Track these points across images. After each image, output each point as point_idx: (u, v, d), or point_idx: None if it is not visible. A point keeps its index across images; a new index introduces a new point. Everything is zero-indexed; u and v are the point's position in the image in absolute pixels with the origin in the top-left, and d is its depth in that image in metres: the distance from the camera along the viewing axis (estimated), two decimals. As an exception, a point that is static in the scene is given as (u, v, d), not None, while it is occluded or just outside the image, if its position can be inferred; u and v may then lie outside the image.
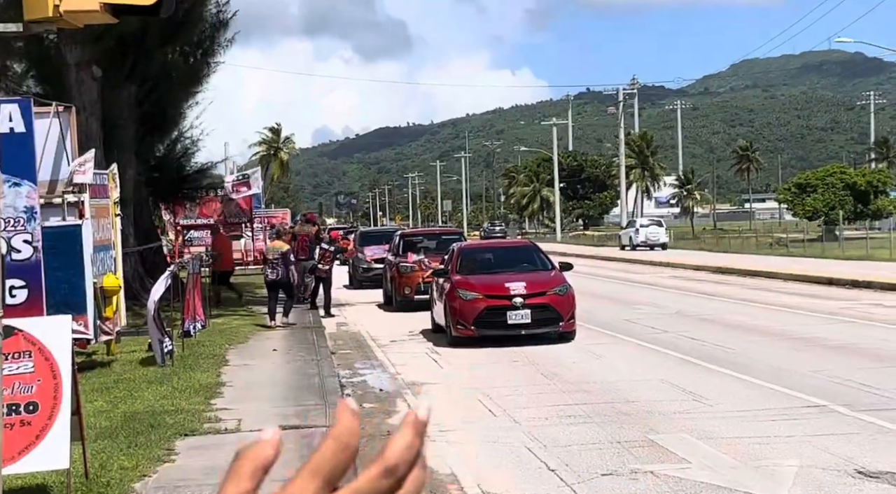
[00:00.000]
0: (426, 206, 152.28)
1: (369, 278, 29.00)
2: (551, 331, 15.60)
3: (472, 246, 20.61)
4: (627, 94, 77.62)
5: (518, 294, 15.57)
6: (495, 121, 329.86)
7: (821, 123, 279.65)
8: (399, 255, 23.83)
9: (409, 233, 27.37)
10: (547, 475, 7.91)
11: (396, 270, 22.94)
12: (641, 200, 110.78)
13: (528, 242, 20.60)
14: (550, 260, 17.52)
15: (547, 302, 15.64)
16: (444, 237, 26.12)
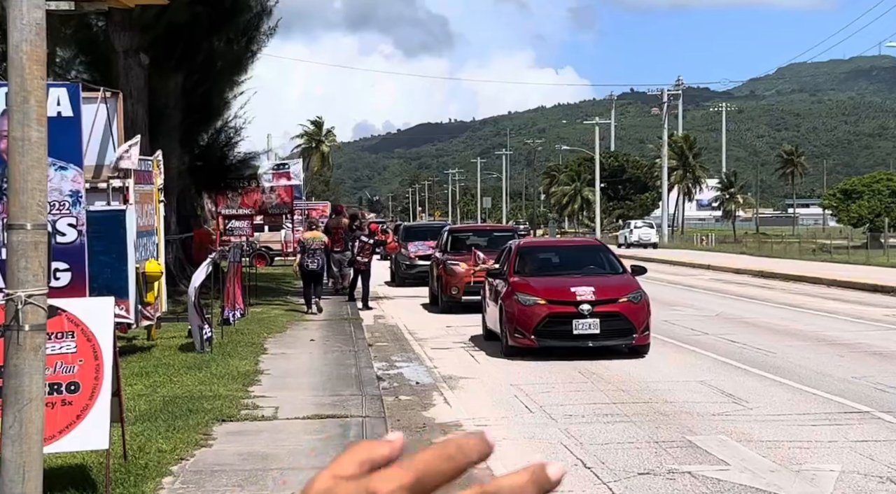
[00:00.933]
0: (465, 203, 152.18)
1: (412, 275, 28.03)
2: (622, 345, 13.84)
3: (532, 243, 19.06)
4: (671, 95, 77.02)
5: (585, 300, 13.75)
6: (537, 120, 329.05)
7: (868, 129, 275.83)
8: (447, 252, 22.68)
9: (459, 229, 26.17)
10: (583, 472, 7.85)
11: (443, 268, 21.55)
12: (683, 202, 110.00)
13: (597, 242, 18.64)
14: (621, 262, 15.62)
15: (618, 310, 13.79)
16: (497, 234, 24.90)
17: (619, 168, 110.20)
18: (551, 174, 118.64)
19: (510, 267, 15.01)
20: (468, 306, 19.71)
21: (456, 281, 20.93)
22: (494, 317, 14.98)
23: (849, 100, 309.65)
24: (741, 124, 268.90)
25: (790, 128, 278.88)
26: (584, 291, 13.87)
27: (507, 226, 33.09)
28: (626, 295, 14.06)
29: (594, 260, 15.61)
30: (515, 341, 13.90)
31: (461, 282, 20.83)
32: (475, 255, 21.23)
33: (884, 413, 9.78)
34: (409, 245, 29.14)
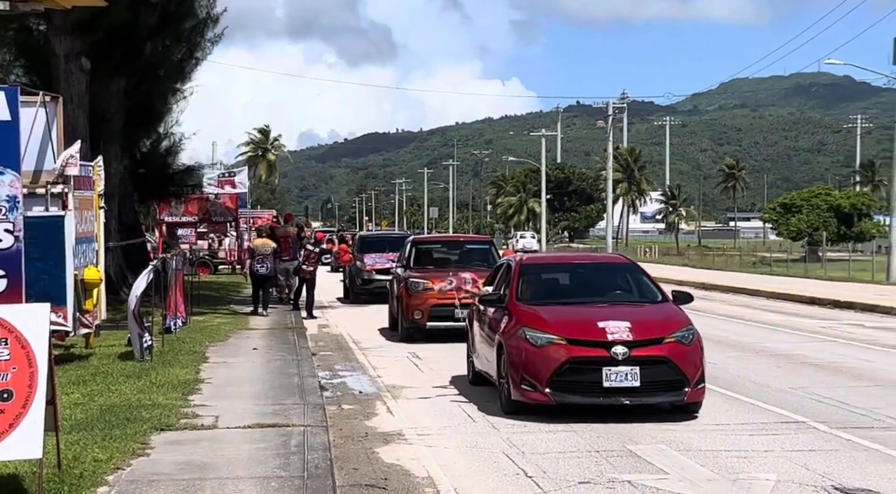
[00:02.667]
0: (412, 213, 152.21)
1: (368, 291, 25.58)
2: (671, 402, 10.25)
3: (538, 260, 13.50)
4: (617, 108, 77.76)
5: (620, 339, 10.02)
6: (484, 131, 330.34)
7: (807, 145, 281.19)
8: (410, 268, 19.08)
9: (424, 240, 21.88)
10: (524, 481, 7.88)
11: (405, 288, 17.90)
12: (627, 214, 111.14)
13: (623, 258, 13.15)
14: (659, 286, 11.74)
15: (665, 354, 10.12)
16: (471, 246, 21.05)
17: (565, 179, 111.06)
18: (498, 185, 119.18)
19: (511, 292, 11.34)
20: (433, 334, 17.32)
21: (420, 303, 17.59)
22: (488, 358, 11.43)
23: (789, 115, 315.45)
24: (685, 138, 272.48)
25: (732, 143, 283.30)
26: (616, 327, 10.13)
27: (481, 237, 26.70)
28: (673, 332, 10.33)
29: (622, 284, 11.83)
30: (522, 394, 10.20)
31: (426, 305, 17.56)
32: (459, 277, 17.83)
33: (819, 424, 9.95)
34: (366, 257, 26.52)
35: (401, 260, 20.36)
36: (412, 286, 17.88)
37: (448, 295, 17.45)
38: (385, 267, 24.63)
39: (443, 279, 17.87)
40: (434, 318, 17.48)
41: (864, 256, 53.63)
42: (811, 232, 59.58)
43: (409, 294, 17.83)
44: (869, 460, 8.51)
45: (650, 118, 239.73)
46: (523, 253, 15.72)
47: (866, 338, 18.04)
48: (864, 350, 16.33)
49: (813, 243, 58.56)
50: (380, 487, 7.66)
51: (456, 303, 17.39)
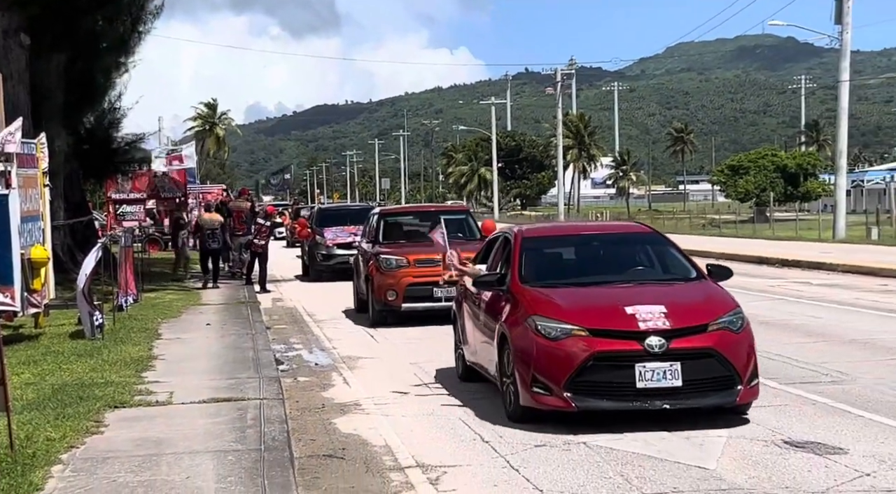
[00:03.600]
0: (364, 185, 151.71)
1: (330, 268, 24.19)
2: (721, 404, 8.29)
3: (542, 232, 10.88)
4: (565, 75, 77.92)
5: (654, 328, 8.09)
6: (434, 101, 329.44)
7: (753, 107, 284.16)
8: (379, 243, 17.07)
9: (393, 212, 19.57)
10: (481, 446, 7.94)
11: (375, 265, 15.99)
12: (578, 180, 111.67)
13: (645, 227, 10.88)
14: (692, 260, 9.65)
15: (711, 345, 8.20)
16: (445, 216, 17.21)
17: (515, 147, 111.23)
18: (449, 154, 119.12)
19: (513, 272, 9.30)
20: (410, 317, 15.59)
21: (393, 282, 15.59)
22: (485, 352, 9.53)
23: (735, 78, 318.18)
24: (633, 103, 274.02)
25: (680, 107, 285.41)
26: (649, 313, 8.19)
27: (457, 206, 24.91)
28: (719, 317, 8.38)
29: (645, 258, 9.83)
30: (534, 398, 8.32)
31: (401, 284, 15.55)
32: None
33: (769, 380, 10.11)
34: (326, 231, 25.00)
35: (367, 234, 18.44)
36: (384, 263, 15.86)
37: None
38: (347, 242, 23.75)
39: (418, 254, 15.74)
40: (410, 299, 15.45)
41: (810, 215, 54.47)
42: (759, 193, 60.37)
43: (380, 272, 15.81)
44: (817, 413, 8.69)
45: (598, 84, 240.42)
46: (522, 225, 11.45)
47: (814, 295, 18.37)
48: (812, 307, 16.63)
49: (760, 204, 59.35)
50: (338, 457, 7.67)
51: (450, 279, 12.38)
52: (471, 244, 14.88)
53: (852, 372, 10.50)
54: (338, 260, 23.93)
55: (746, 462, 7.23)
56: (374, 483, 6.99)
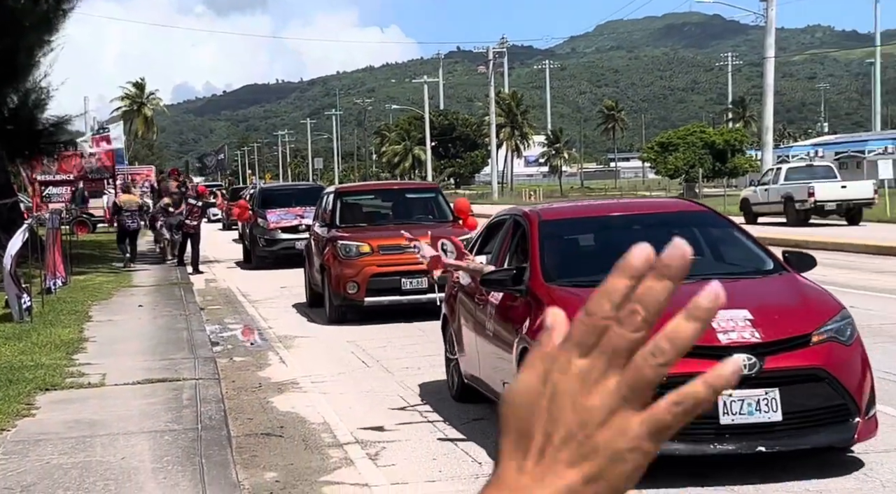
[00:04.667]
0: (296, 165, 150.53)
1: (273, 254, 22.12)
2: (833, 443, 6.23)
3: (565, 213, 8.72)
4: (497, 53, 78.05)
5: (739, 341, 6.07)
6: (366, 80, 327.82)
7: (682, 84, 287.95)
8: (337, 226, 14.57)
9: (352, 190, 17.06)
10: (421, 421, 7.96)
11: (332, 253, 13.71)
12: (512, 159, 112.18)
13: (695, 204, 8.88)
14: (764, 246, 7.70)
15: (819, 364, 6.19)
16: (412, 195, 16.13)
17: (448, 126, 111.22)
18: (382, 133, 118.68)
19: (533, 267, 7.25)
20: (374, 313, 13.31)
21: (354, 272, 13.33)
22: (497, 369, 7.42)
23: (663, 55, 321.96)
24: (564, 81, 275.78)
25: (610, 85, 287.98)
26: (730, 321, 6.13)
27: (426, 184, 21.81)
28: (824, 325, 6.36)
29: (705, 245, 7.51)
30: None
31: (363, 275, 13.28)
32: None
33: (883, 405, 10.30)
34: (269, 213, 22.62)
35: (320, 216, 15.73)
36: (342, 250, 13.55)
37: (392, 260, 13.17)
38: (292, 225, 21.93)
39: (383, 239, 13.62)
40: (374, 292, 13.23)
41: (738, 191, 55.45)
42: (688, 169, 61.25)
43: (338, 261, 13.51)
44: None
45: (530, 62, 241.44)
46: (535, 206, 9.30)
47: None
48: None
49: (690, 180, 60.28)
50: (276, 435, 7.63)
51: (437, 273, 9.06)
52: (443, 227, 13.35)
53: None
54: (282, 245, 21.91)
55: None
56: (313, 459, 6.97)
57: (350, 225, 14.67)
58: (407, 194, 16.11)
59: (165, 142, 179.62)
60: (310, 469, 6.73)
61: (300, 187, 29.40)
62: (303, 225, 20.67)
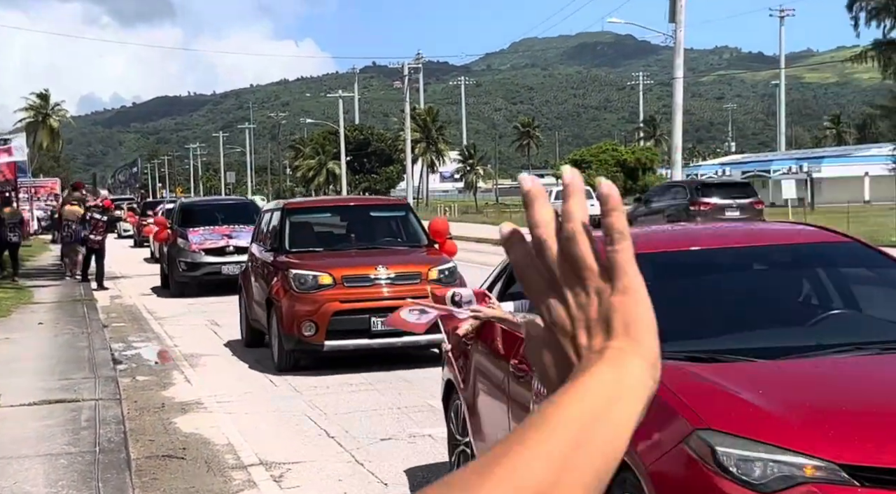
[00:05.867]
0: (208, 178, 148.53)
1: (196, 280, 19.31)
2: None
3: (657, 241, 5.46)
4: (412, 69, 78.25)
5: None
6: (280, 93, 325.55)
7: (595, 102, 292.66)
8: (286, 252, 11.75)
9: (303, 206, 13.70)
10: (326, 441, 7.86)
11: (283, 284, 11.05)
12: (427, 174, 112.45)
13: (832, 234, 5.52)
14: None
15: None
16: (377, 213, 13.12)
17: (364, 141, 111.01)
18: (297, 148, 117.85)
19: None
20: (335, 360, 10.89)
21: (312, 310, 10.69)
22: None
23: (577, 74, 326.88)
24: (480, 98, 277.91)
25: (525, 102, 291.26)
26: None
27: (393, 200, 17.43)
28: None
29: (856, 293, 5.15)
30: None
31: (323, 312, 10.66)
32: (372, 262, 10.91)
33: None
34: (191, 232, 19.81)
35: (262, 239, 13.01)
36: (297, 282, 10.86)
37: (360, 293, 10.73)
38: (219, 246, 19.33)
39: (348, 267, 11.02)
40: (337, 334, 10.66)
41: (648, 208, 56.47)
42: (600, 186, 62.13)
43: (291, 295, 10.86)
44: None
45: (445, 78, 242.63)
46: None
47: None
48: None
49: (602, 197, 61.13)
50: (178, 457, 7.45)
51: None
52: (416, 254, 11.56)
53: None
54: (206, 270, 19.17)
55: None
56: (215, 482, 6.82)
57: (303, 249, 11.84)
58: (371, 212, 13.19)
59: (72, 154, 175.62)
60: (211, 492, 6.58)
61: (228, 202, 25.49)
62: (230, 246, 19.04)
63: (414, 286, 10.31)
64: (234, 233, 19.54)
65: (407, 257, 11.33)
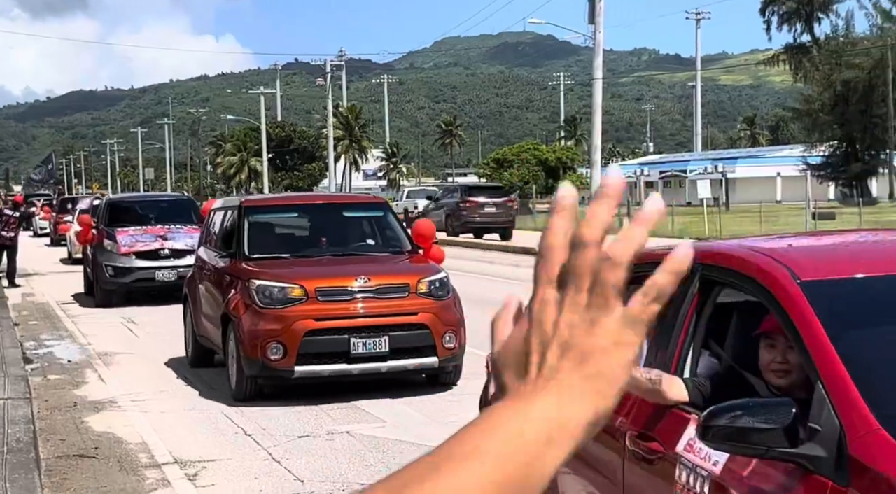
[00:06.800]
0: (126, 174, 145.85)
1: (125, 287, 17.17)
2: None
3: (826, 263, 3.34)
4: (335, 66, 77.91)
5: None
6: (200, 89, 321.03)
7: (517, 102, 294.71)
8: (246, 257, 9.91)
9: (263, 205, 11.50)
10: (243, 439, 7.82)
11: (244, 298, 9.22)
12: (350, 172, 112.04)
13: None
14: None
15: None
16: (350, 213, 11.16)
17: (286, 138, 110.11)
18: (217, 144, 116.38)
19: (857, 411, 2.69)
20: (307, 388, 9.19)
21: (280, 329, 8.94)
22: None
23: (499, 73, 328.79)
24: (403, 96, 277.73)
25: (448, 100, 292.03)
26: None
27: (371, 198, 13.16)
28: None
29: None
30: None
31: (293, 332, 8.91)
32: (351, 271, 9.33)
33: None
34: (119, 233, 17.63)
35: (213, 240, 11.24)
36: (261, 295, 9.09)
37: (336, 310, 9.04)
38: (152, 249, 17.33)
39: (323, 278, 9.29)
40: (310, 358, 8.92)
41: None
42: (522, 185, 62.68)
43: (254, 311, 9.08)
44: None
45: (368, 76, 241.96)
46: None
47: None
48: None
49: (524, 196, 61.65)
50: (90, 456, 7.34)
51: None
52: (400, 262, 10.06)
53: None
54: (137, 276, 17.12)
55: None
56: (128, 481, 6.74)
57: (266, 255, 10.00)
58: (345, 211, 11.19)
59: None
60: (124, 492, 6.50)
61: (162, 199, 22.61)
62: (166, 249, 17.24)
63: (401, 300, 9.00)
64: (169, 233, 17.60)
65: (391, 266, 9.81)
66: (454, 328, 9.22)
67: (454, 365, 9.38)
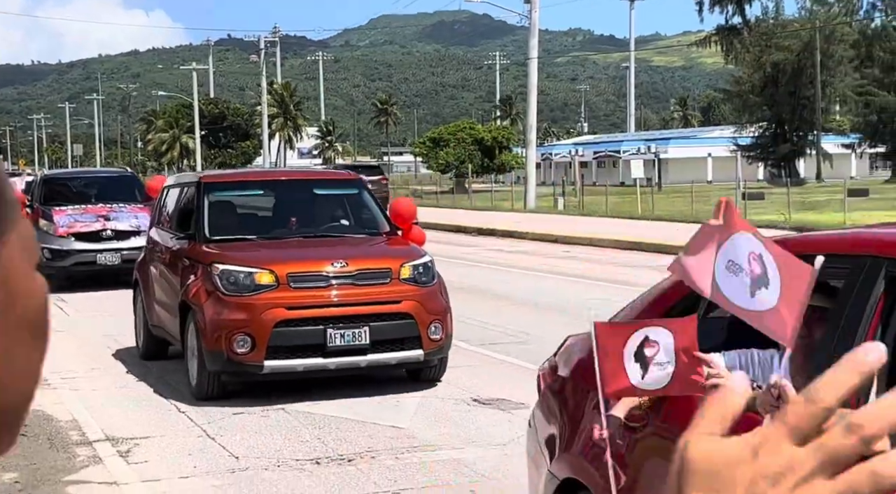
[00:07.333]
0: (54, 151, 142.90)
1: (64, 271, 15.81)
2: None
3: None
4: (269, 43, 77.12)
5: None
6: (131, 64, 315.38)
7: (453, 81, 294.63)
8: (206, 239, 9.01)
9: (223, 181, 10.39)
10: (177, 417, 7.78)
11: (205, 284, 8.34)
12: (284, 150, 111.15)
13: None
14: None
15: None
16: (322, 191, 10.26)
17: (219, 115, 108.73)
18: (149, 120, 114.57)
19: None
20: (277, 386, 8.40)
21: (248, 318, 8.09)
22: None
23: (435, 52, 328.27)
24: (338, 74, 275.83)
25: (383, 79, 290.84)
26: None
27: (344, 175, 11.54)
28: None
29: None
30: None
31: (262, 322, 8.07)
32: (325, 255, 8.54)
33: (461, 342, 10.59)
34: (56, 212, 16.41)
35: (166, 222, 10.31)
36: (225, 281, 8.23)
37: (310, 298, 8.20)
38: (93, 230, 16.11)
39: (296, 263, 8.44)
40: (281, 351, 8.05)
41: (505, 187, 57.37)
42: (458, 164, 62.79)
43: (216, 298, 8.22)
44: (504, 373, 9.21)
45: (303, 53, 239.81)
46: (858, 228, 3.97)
47: (505, 262, 19.41)
48: (503, 273, 17.58)
49: (460, 175, 61.80)
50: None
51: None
52: (378, 244, 9.26)
53: (535, 332, 11.22)
54: (77, 259, 15.93)
55: (438, 421, 7.56)
56: (58, 458, 6.68)
57: (229, 236, 9.06)
58: (315, 188, 10.24)
59: None
60: (54, 469, 6.44)
61: (103, 175, 20.74)
62: (108, 230, 16.04)
63: (382, 287, 8.19)
64: (112, 213, 16.36)
65: (369, 249, 8.98)
66: (440, 317, 8.37)
67: (440, 358, 8.55)
